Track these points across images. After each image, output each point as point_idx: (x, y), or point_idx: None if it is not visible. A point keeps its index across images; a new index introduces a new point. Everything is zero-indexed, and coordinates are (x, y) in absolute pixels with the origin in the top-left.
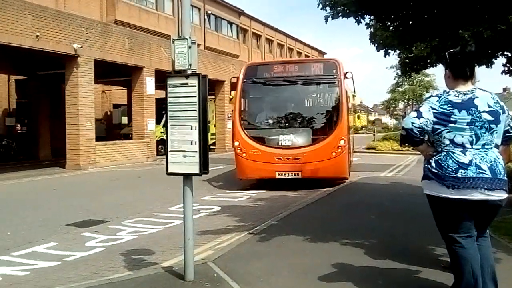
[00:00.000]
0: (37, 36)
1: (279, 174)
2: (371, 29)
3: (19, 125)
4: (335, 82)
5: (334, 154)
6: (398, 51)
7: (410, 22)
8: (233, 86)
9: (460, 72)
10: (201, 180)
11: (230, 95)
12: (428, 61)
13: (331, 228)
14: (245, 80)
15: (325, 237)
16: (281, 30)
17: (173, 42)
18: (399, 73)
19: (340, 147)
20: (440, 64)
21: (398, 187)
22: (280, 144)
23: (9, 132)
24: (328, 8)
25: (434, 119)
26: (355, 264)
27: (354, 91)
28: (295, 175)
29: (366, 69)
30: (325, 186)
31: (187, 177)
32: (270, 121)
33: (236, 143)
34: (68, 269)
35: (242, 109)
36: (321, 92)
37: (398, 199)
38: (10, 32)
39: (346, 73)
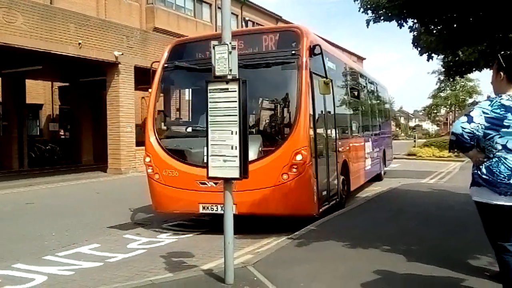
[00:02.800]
0: (79, 44)
1: (203, 208)
2: (414, 33)
3: (62, 131)
4: (293, 62)
5: (285, 177)
6: (442, 55)
7: (455, 26)
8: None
9: None
10: None
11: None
12: (475, 65)
13: (372, 235)
14: (166, 65)
15: (365, 243)
16: (320, 36)
17: (214, 47)
18: (441, 78)
19: (295, 166)
20: (488, 68)
21: (441, 194)
22: (204, 160)
23: (53, 137)
24: (369, 11)
25: (486, 124)
26: (397, 271)
27: (326, 76)
28: None
29: (406, 74)
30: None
31: (227, 181)
32: (194, 126)
33: (147, 159)
34: (110, 270)
35: (158, 109)
36: (271, 78)
37: (441, 206)
38: (54, 41)
39: (313, 47)
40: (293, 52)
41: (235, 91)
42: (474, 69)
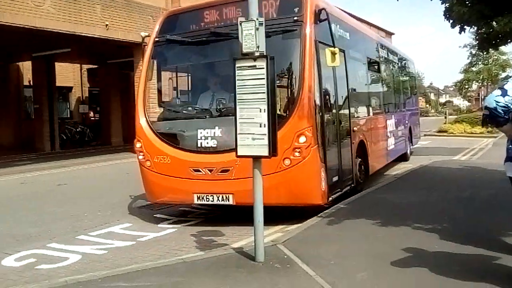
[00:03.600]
0: (107, 25)
1: (198, 198)
2: (446, 4)
3: (91, 112)
4: (295, 30)
5: (287, 162)
6: (475, 27)
7: None
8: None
9: None
10: None
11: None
12: (511, 36)
13: (402, 212)
14: (157, 39)
15: (396, 221)
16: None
17: (241, 24)
18: (473, 52)
19: (298, 149)
20: None
21: (473, 171)
22: (198, 145)
23: (83, 119)
24: None
25: None
26: (428, 249)
27: (334, 45)
28: (223, 199)
29: (436, 49)
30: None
31: (256, 159)
32: (188, 107)
33: (138, 145)
34: (142, 249)
35: (148, 88)
36: (271, 49)
37: (473, 183)
38: (81, 23)
39: (319, 12)
40: (295, 18)
41: (263, 68)
42: (509, 40)
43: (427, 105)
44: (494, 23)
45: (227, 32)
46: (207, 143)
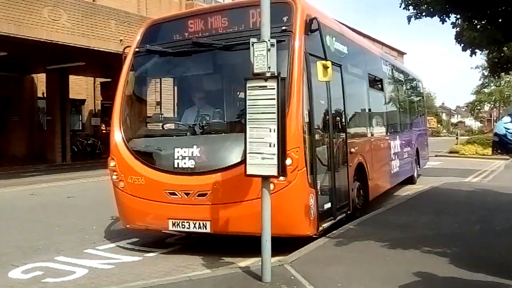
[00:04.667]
0: (121, 40)
1: (173, 224)
2: (457, 29)
3: (103, 125)
4: (283, 40)
5: (271, 187)
6: (486, 51)
7: (500, 20)
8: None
9: None
10: None
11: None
12: None
13: (412, 235)
14: (137, 49)
15: (405, 244)
16: (358, 30)
17: (253, 45)
18: (485, 73)
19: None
20: None
21: (485, 194)
22: (175, 165)
23: (95, 131)
24: (411, 7)
25: None
26: (438, 273)
27: (326, 57)
28: (199, 226)
29: (448, 69)
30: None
31: (265, 179)
32: (167, 123)
33: (112, 163)
34: (149, 265)
35: (126, 102)
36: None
37: (485, 206)
38: (96, 37)
39: (310, 21)
40: (284, 28)
41: (274, 88)
42: None
43: (439, 125)
44: (505, 48)
45: (211, 43)
46: (185, 163)
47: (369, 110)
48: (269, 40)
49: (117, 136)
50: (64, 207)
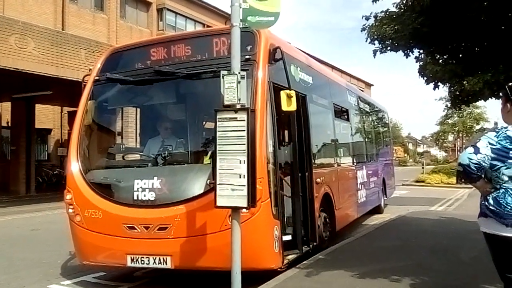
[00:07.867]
0: (90, 69)
1: (132, 260)
2: (420, 63)
3: None
4: (247, 69)
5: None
6: (448, 85)
7: (461, 55)
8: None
9: None
10: None
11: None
12: (480, 95)
13: (381, 265)
14: (97, 78)
15: (374, 273)
16: (326, 62)
17: (223, 77)
18: (449, 105)
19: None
20: (494, 98)
21: (450, 222)
22: (134, 197)
23: (61, 162)
24: (376, 42)
25: (492, 155)
26: None
27: (290, 87)
28: (160, 262)
29: (416, 100)
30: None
31: (235, 210)
32: (126, 154)
33: (68, 196)
34: None
35: (84, 132)
36: (220, 91)
37: (450, 235)
38: (65, 66)
39: (274, 50)
40: (247, 57)
41: (244, 120)
42: (479, 98)
43: (405, 155)
44: (465, 82)
45: (174, 71)
46: (145, 195)
47: (335, 140)
48: (239, 73)
49: (74, 167)
50: (28, 240)
